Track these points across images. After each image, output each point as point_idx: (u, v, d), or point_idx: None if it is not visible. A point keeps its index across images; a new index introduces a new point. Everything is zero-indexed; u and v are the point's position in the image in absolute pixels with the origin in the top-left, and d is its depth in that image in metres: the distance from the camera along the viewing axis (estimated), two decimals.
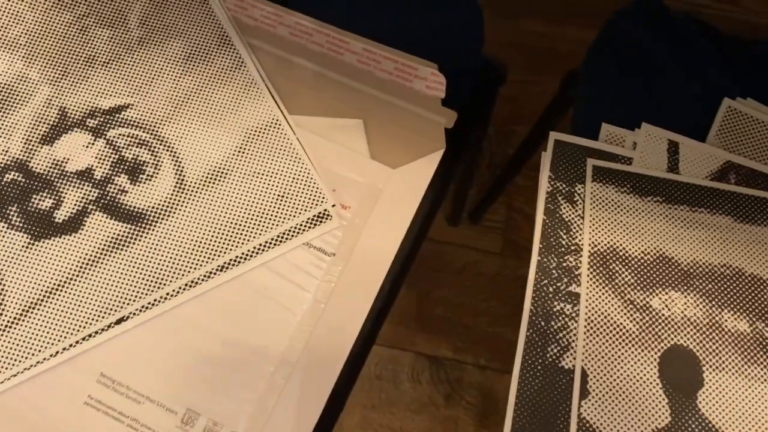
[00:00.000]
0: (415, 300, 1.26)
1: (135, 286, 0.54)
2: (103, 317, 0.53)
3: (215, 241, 0.56)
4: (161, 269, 0.55)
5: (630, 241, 0.56)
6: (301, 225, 0.56)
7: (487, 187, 1.27)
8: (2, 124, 0.58)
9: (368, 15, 0.66)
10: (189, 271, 0.55)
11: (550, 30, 1.40)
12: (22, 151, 0.58)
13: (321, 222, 0.56)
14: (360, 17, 0.64)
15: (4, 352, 0.52)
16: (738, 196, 0.58)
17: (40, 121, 0.59)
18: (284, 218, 0.56)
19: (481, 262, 1.27)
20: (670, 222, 0.57)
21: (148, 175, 0.57)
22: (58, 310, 0.53)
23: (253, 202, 0.57)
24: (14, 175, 0.57)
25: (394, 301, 0.64)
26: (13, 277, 0.54)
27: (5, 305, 0.53)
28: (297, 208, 0.57)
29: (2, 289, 0.54)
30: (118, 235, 0.56)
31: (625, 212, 0.57)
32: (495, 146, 1.36)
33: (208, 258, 0.55)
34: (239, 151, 0.58)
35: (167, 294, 0.54)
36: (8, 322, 0.53)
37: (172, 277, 0.54)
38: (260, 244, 0.55)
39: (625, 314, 0.54)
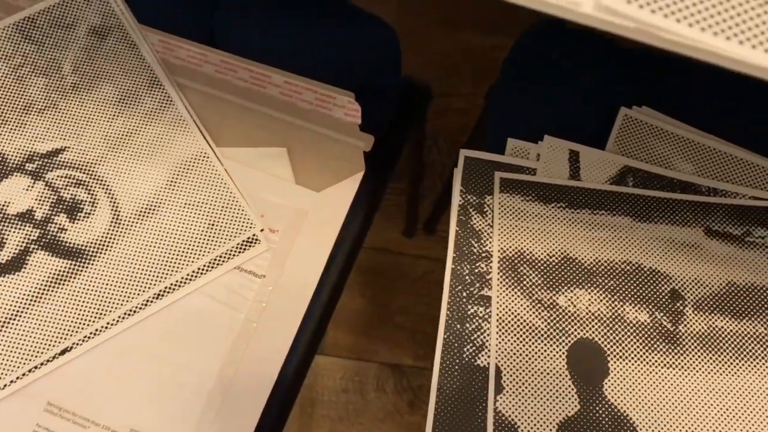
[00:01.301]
0: (375, 311, 1.30)
1: (78, 318, 0.58)
2: (48, 349, 0.57)
3: (151, 271, 0.59)
4: (102, 300, 0.58)
5: (536, 245, 0.61)
6: (231, 250, 0.60)
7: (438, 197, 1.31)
8: None
9: (289, 49, 0.70)
10: (128, 300, 0.58)
11: (495, 43, 1.46)
12: None
13: (250, 246, 0.60)
14: (281, 52, 0.68)
15: None
16: (635, 197, 0.63)
17: None
18: (215, 245, 0.60)
19: (437, 270, 1.31)
20: (573, 225, 0.62)
21: (86, 213, 0.61)
22: (4, 345, 0.57)
23: (185, 231, 0.61)
24: None
25: (331, 315, 0.68)
26: None
27: None
28: (227, 235, 0.61)
29: None
30: (60, 271, 0.59)
31: (531, 219, 0.61)
32: (445, 158, 1.40)
33: (145, 287, 0.59)
34: (170, 185, 0.62)
35: (108, 323, 0.58)
36: None
37: (112, 306, 0.58)
38: (194, 271, 0.59)
39: (533, 313, 0.58)
